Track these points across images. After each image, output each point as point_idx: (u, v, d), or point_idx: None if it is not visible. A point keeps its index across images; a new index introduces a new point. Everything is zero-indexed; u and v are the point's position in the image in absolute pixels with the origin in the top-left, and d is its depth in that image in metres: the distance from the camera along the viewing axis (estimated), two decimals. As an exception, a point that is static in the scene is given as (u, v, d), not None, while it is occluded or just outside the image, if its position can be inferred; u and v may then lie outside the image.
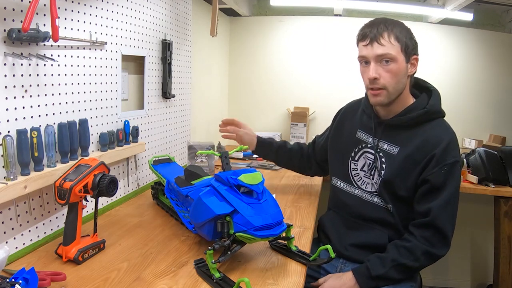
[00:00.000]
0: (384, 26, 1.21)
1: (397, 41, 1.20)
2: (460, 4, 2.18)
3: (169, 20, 1.77)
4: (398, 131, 1.29)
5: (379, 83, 1.22)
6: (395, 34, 1.20)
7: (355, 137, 1.40)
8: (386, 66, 1.21)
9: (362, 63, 1.27)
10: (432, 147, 1.22)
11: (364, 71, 1.26)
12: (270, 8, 2.89)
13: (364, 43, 1.23)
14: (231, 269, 1.00)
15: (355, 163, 1.39)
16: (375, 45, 1.20)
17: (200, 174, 1.21)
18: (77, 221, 1.00)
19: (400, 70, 1.22)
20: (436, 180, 1.20)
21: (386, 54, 1.20)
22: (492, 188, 1.96)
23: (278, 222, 0.99)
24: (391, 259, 1.18)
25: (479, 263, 2.69)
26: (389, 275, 1.18)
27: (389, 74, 1.21)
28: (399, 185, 1.26)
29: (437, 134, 1.25)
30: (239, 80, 2.96)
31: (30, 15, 0.88)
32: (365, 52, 1.23)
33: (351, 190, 1.39)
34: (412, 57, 1.25)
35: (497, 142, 2.52)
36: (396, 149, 1.28)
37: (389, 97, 1.25)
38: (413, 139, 1.26)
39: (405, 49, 1.22)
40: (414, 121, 1.27)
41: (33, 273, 0.73)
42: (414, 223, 1.24)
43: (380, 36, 1.20)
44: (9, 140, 0.91)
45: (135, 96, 1.61)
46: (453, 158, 1.22)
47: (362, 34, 1.25)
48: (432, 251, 1.19)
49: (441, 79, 2.69)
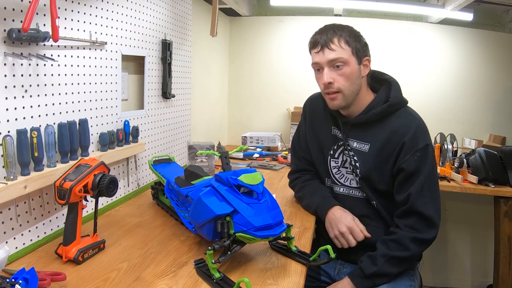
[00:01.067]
0: (333, 31, 1.24)
1: (347, 45, 1.23)
2: (460, 4, 2.18)
3: (169, 20, 1.77)
4: (365, 128, 1.31)
5: (333, 87, 1.25)
6: (344, 39, 1.23)
7: (332, 134, 1.41)
8: (339, 70, 1.24)
9: (316, 70, 1.30)
10: (401, 136, 1.24)
11: (319, 77, 1.29)
12: (270, 8, 2.89)
13: (316, 50, 1.26)
14: (231, 269, 1.00)
15: (335, 160, 1.39)
16: (326, 51, 1.23)
17: (200, 174, 1.21)
18: (77, 221, 1.00)
19: (353, 72, 1.24)
20: (410, 166, 1.22)
21: (338, 59, 1.22)
22: (492, 188, 1.96)
23: (278, 222, 0.99)
24: (381, 255, 1.19)
25: (479, 263, 2.69)
26: (383, 270, 1.18)
27: (342, 77, 1.24)
28: (376, 180, 1.28)
29: (404, 123, 1.27)
30: (239, 80, 2.96)
31: (30, 15, 0.88)
32: (317, 58, 1.26)
33: (337, 189, 1.40)
34: (364, 58, 1.27)
35: (497, 142, 2.52)
36: (367, 146, 1.30)
37: (345, 99, 1.27)
38: (381, 133, 1.28)
39: (356, 52, 1.24)
40: (378, 116, 1.29)
41: (33, 273, 0.73)
42: (397, 213, 1.25)
43: (330, 42, 1.22)
44: (9, 140, 0.91)
45: (135, 96, 1.61)
46: (423, 142, 1.24)
47: (313, 42, 1.27)
48: (419, 237, 1.19)
49: (441, 79, 2.70)
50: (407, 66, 2.66)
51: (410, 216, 1.21)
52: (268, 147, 2.56)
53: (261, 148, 2.52)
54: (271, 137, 2.56)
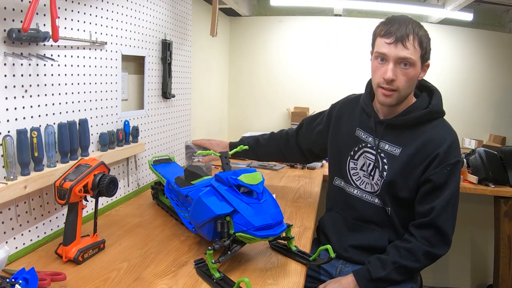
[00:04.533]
0: (411, 27, 1.16)
1: (420, 47, 1.17)
2: (460, 4, 2.18)
3: (169, 20, 1.77)
4: (399, 131, 1.28)
5: (394, 84, 1.19)
6: (419, 39, 1.17)
7: (354, 135, 1.38)
8: (404, 69, 1.18)
9: (378, 59, 1.21)
10: (435, 147, 1.22)
11: (379, 68, 1.21)
12: (270, 8, 2.89)
13: (388, 40, 1.17)
14: (231, 269, 1.00)
15: (354, 162, 1.37)
16: (400, 47, 1.16)
17: (200, 174, 1.21)
18: (77, 221, 0.99)
19: (416, 75, 1.20)
20: (439, 179, 1.20)
21: (408, 58, 1.16)
22: (492, 188, 1.96)
23: (278, 222, 0.99)
24: (392, 261, 1.18)
25: (479, 263, 2.69)
26: (390, 277, 1.18)
27: (405, 77, 1.18)
28: (401, 186, 1.25)
29: (440, 134, 1.24)
30: (239, 80, 2.96)
31: (30, 15, 0.88)
32: (386, 49, 1.17)
33: (350, 190, 1.38)
34: (425, 63, 1.23)
35: (497, 142, 2.52)
36: (398, 150, 1.27)
37: (399, 99, 1.23)
38: (414, 139, 1.25)
39: (423, 55, 1.19)
40: (416, 121, 1.26)
41: (33, 273, 0.73)
42: (414, 223, 1.23)
43: (407, 38, 1.15)
44: (9, 140, 0.91)
45: (135, 96, 1.61)
46: (455, 158, 1.21)
47: (387, 31, 1.18)
48: (432, 251, 1.19)
49: (441, 79, 2.69)
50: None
51: (428, 229, 1.19)
52: (268, 147, 2.55)
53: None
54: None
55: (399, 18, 1.20)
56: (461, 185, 1.96)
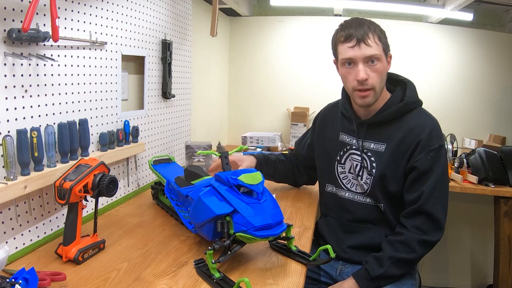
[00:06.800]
0: (368, 27, 1.22)
1: (380, 41, 1.23)
2: (460, 4, 2.18)
3: (169, 20, 1.77)
4: (381, 128, 1.31)
5: (368, 83, 1.23)
6: (377, 34, 1.22)
7: (339, 140, 1.41)
8: (373, 66, 1.22)
9: (346, 65, 1.26)
10: (417, 135, 1.24)
11: (349, 73, 1.25)
12: (270, 8, 2.89)
13: (351, 44, 1.22)
14: (231, 269, 1.00)
15: (342, 166, 1.40)
16: (363, 46, 1.20)
17: (200, 174, 1.21)
18: (77, 221, 1.00)
19: (384, 69, 1.25)
20: (423, 166, 1.22)
21: (374, 55, 1.21)
22: (492, 188, 1.96)
23: (278, 222, 0.99)
24: (388, 257, 1.19)
25: (479, 263, 2.69)
26: (389, 272, 1.18)
27: (376, 73, 1.23)
28: (390, 179, 1.27)
29: (420, 122, 1.27)
30: (239, 80, 2.96)
31: (30, 15, 0.88)
32: (351, 53, 1.22)
33: (342, 193, 1.40)
34: (388, 54, 1.27)
35: (497, 142, 2.52)
36: (383, 146, 1.30)
37: (375, 96, 1.26)
38: (396, 132, 1.28)
39: (385, 49, 1.25)
40: (394, 115, 1.28)
41: (33, 273, 0.73)
42: (404, 213, 1.24)
43: (367, 37, 1.20)
44: (9, 140, 0.91)
45: (135, 96, 1.61)
46: (437, 143, 1.24)
47: (346, 35, 1.23)
48: (426, 239, 1.19)
49: (441, 79, 2.70)
50: (407, 66, 2.65)
51: (418, 216, 1.20)
52: (268, 147, 2.56)
53: (261, 148, 2.52)
54: (271, 137, 2.56)
55: (353, 21, 1.26)
56: (461, 185, 1.97)
